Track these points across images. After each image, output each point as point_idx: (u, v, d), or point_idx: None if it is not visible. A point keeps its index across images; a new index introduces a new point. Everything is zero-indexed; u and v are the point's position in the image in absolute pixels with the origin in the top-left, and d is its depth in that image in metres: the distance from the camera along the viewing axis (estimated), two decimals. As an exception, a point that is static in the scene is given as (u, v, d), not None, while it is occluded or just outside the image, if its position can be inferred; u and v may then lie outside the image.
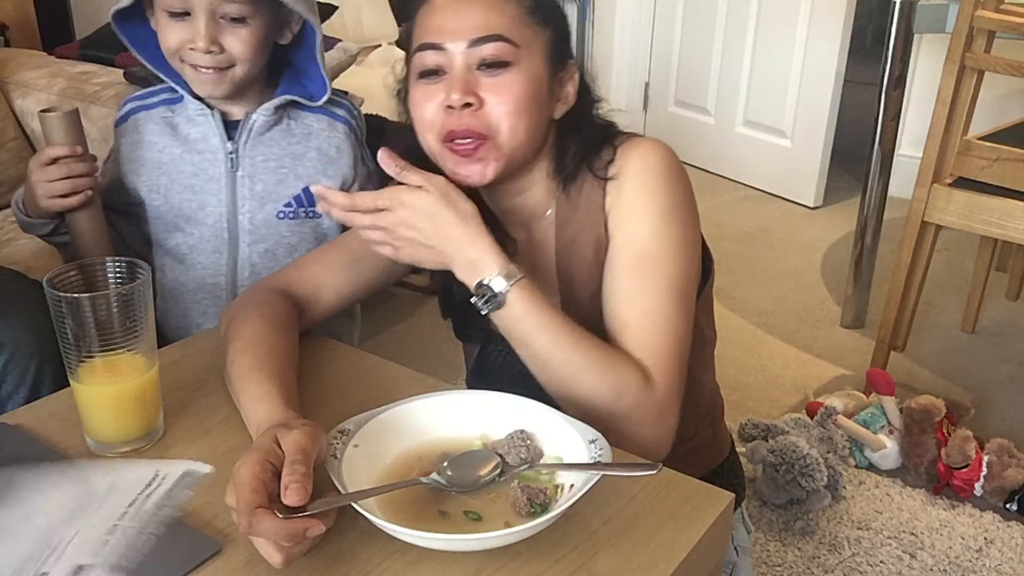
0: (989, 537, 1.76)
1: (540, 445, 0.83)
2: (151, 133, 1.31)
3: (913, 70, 3.05)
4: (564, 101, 1.02)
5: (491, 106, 0.95)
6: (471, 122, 0.94)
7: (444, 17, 0.96)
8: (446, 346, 2.48)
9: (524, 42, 0.96)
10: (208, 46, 1.18)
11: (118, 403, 0.86)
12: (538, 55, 0.98)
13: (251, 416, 0.86)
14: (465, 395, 0.88)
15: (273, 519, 0.69)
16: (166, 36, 1.21)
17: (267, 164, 1.29)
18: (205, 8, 1.17)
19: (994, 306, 2.72)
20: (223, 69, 1.21)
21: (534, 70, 0.97)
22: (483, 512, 0.76)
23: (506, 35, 0.95)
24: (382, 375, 1.01)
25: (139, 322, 0.84)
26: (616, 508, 0.78)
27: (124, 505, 0.76)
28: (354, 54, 2.32)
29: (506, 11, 0.96)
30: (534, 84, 0.96)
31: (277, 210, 1.30)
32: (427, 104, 0.97)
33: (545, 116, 1.00)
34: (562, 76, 1.01)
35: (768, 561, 1.69)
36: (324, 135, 1.31)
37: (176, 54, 1.21)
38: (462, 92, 0.94)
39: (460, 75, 0.95)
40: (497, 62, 0.95)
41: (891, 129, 2.42)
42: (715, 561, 0.83)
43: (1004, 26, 1.96)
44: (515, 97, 0.95)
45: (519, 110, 0.95)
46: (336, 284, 1.08)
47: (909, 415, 1.95)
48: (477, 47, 0.94)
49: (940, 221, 2.10)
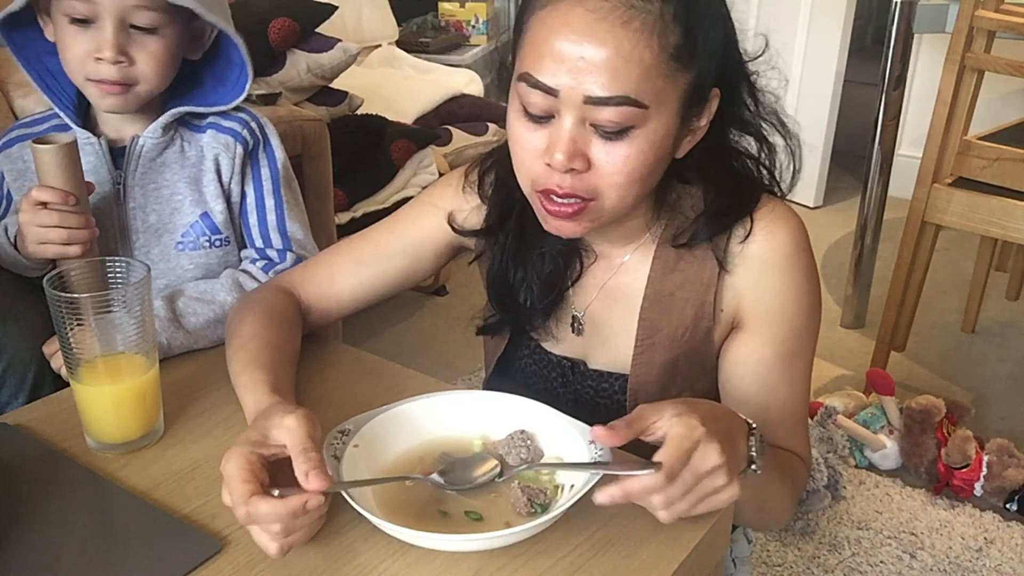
0: (989, 537, 1.76)
1: (540, 445, 0.83)
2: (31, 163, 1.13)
3: (913, 70, 3.05)
4: (693, 137, 0.87)
5: (600, 173, 0.81)
6: (574, 184, 0.81)
7: (563, 49, 0.77)
8: (446, 346, 2.48)
9: (655, 98, 0.78)
10: (116, 56, 1.05)
11: (118, 403, 0.86)
12: (671, 106, 0.80)
13: (245, 408, 0.86)
14: (465, 395, 0.88)
15: (269, 501, 0.69)
16: (68, 46, 1.07)
17: (159, 192, 1.16)
18: (114, 14, 1.04)
19: (994, 306, 2.72)
20: (128, 86, 1.08)
21: (661, 131, 0.81)
22: (484, 512, 0.76)
23: (633, 96, 0.77)
24: (382, 375, 1.01)
25: (139, 322, 0.84)
26: (616, 508, 0.78)
27: None
28: (354, 54, 2.31)
29: (643, 59, 0.76)
30: (656, 149, 0.81)
31: (175, 242, 1.16)
32: (525, 148, 0.83)
33: (663, 166, 0.86)
34: (699, 113, 0.85)
35: (768, 561, 1.69)
36: (210, 152, 1.17)
37: (79, 68, 1.08)
38: (568, 155, 0.79)
39: (569, 132, 0.79)
40: (614, 130, 0.79)
41: (891, 129, 2.42)
42: (715, 562, 0.83)
43: (1004, 26, 1.96)
44: (631, 168, 0.81)
45: (632, 181, 0.82)
46: (345, 286, 1.05)
47: (909, 415, 1.95)
48: (595, 107, 0.78)
49: (940, 221, 2.10)
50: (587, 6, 0.76)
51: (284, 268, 1.16)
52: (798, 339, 0.92)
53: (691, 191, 0.93)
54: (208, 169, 1.17)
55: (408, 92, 2.83)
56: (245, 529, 0.76)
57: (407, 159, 2.45)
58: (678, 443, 0.70)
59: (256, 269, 1.16)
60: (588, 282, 0.98)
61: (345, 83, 2.36)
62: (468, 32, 3.73)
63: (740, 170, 0.93)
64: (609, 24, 0.76)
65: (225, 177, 1.18)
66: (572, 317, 0.99)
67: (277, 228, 1.20)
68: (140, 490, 0.82)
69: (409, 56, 3.30)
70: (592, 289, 0.98)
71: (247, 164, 1.19)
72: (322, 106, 2.30)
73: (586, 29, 0.76)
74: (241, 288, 1.12)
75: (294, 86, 2.22)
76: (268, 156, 1.21)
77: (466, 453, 0.83)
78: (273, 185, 1.21)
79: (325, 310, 1.06)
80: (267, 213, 1.20)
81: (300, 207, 1.25)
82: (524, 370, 1.05)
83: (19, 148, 1.19)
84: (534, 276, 0.97)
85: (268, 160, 1.21)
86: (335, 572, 0.72)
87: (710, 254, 0.91)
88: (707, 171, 0.91)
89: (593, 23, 0.76)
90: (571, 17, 0.77)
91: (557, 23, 0.77)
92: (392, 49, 3.30)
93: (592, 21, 0.76)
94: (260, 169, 1.20)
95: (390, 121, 2.46)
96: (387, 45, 3.30)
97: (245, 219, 1.20)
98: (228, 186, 1.19)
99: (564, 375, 1.01)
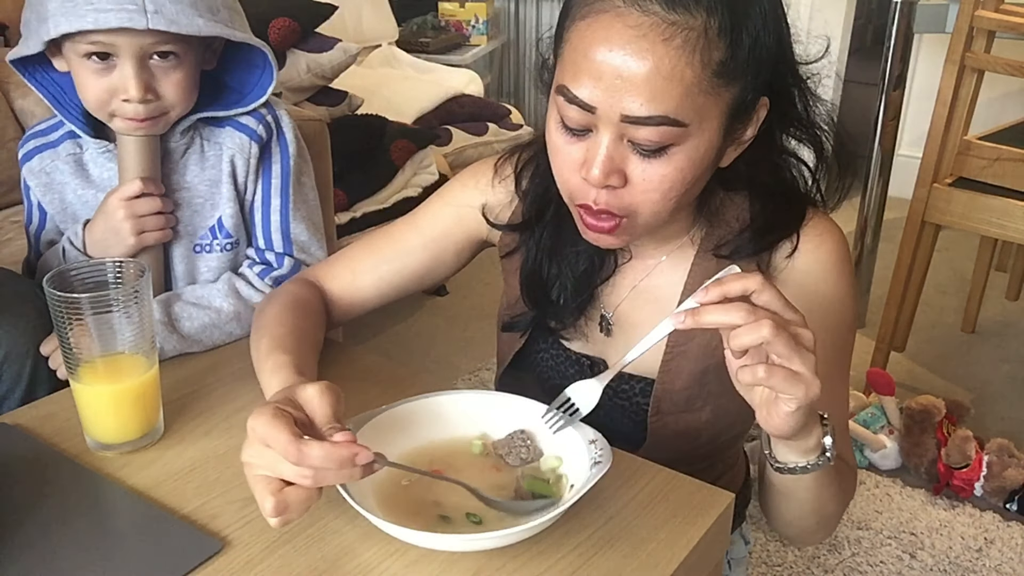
0: (989, 537, 1.76)
1: (540, 445, 0.83)
2: (60, 173, 1.16)
3: (913, 70, 3.05)
4: (738, 147, 0.84)
5: (636, 189, 0.79)
6: (610, 200, 0.80)
7: (602, 65, 0.75)
8: (446, 346, 2.48)
9: (696, 116, 0.76)
10: (143, 96, 1.02)
11: (118, 403, 0.86)
12: (713, 122, 0.78)
13: (269, 392, 0.84)
14: (465, 395, 0.88)
15: (324, 444, 0.67)
16: (87, 87, 1.04)
17: (180, 195, 1.14)
18: (133, 51, 1.01)
19: (994, 306, 2.72)
20: (156, 117, 1.06)
21: (702, 148, 0.78)
22: (484, 515, 0.76)
23: (673, 115, 0.74)
24: (382, 375, 1.01)
25: (138, 322, 0.84)
26: (616, 508, 0.78)
27: None
28: (354, 54, 2.32)
29: (684, 77, 0.74)
30: (696, 166, 0.79)
31: (194, 244, 1.16)
32: (563, 160, 0.82)
33: (704, 179, 0.83)
34: (745, 124, 0.82)
35: (768, 561, 1.69)
36: (227, 153, 1.15)
37: (102, 106, 1.05)
38: (604, 172, 0.77)
39: (606, 149, 0.77)
40: (653, 148, 0.77)
41: (891, 129, 2.42)
42: (715, 561, 0.83)
43: (1004, 26, 1.96)
44: (668, 187, 0.79)
45: (669, 198, 0.80)
46: (366, 282, 1.04)
47: (909, 415, 1.95)
48: (632, 125, 0.75)
49: (940, 221, 2.10)
50: (627, 20, 0.74)
51: (282, 274, 1.15)
52: (840, 350, 0.91)
53: (736, 199, 0.90)
54: (224, 171, 1.15)
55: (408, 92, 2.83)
56: (245, 529, 0.77)
57: (407, 159, 2.45)
58: (784, 303, 0.69)
59: (253, 274, 1.14)
60: (620, 281, 0.97)
61: (345, 83, 2.37)
62: (468, 32, 3.74)
63: (789, 181, 0.90)
64: (649, 42, 0.73)
65: (240, 177, 1.16)
66: (601, 316, 0.98)
67: (280, 229, 1.18)
68: (140, 490, 0.82)
69: (409, 56, 3.30)
70: (624, 289, 0.97)
71: (260, 160, 1.18)
72: (322, 106, 2.30)
73: (625, 45, 0.73)
74: (238, 294, 1.11)
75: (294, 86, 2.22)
76: (281, 149, 1.19)
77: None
78: (282, 182, 1.18)
79: (348, 305, 1.05)
80: (271, 212, 1.18)
81: (309, 204, 1.22)
82: (541, 364, 1.03)
83: (39, 161, 1.17)
84: (568, 273, 0.96)
85: (280, 154, 1.19)
86: (335, 572, 0.72)
87: (753, 266, 0.88)
88: (754, 181, 0.89)
89: (633, 39, 0.73)
90: (611, 32, 0.74)
91: (597, 37, 0.75)
92: (392, 49, 3.31)
93: (632, 37, 0.73)
94: (271, 165, 1.18)
95: (390, 121, 2.46)
96: (387, 45, 3.30)
97: (252, 216, 1.19)
98: (243, 185, 1.17)
99: (583, 372, 0.99)
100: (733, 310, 0.68)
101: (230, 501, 0.80)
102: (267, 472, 0.69)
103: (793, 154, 0.91)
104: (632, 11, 0.74)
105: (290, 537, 0.76)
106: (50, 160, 1.17)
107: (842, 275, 0.89)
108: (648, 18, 0.73)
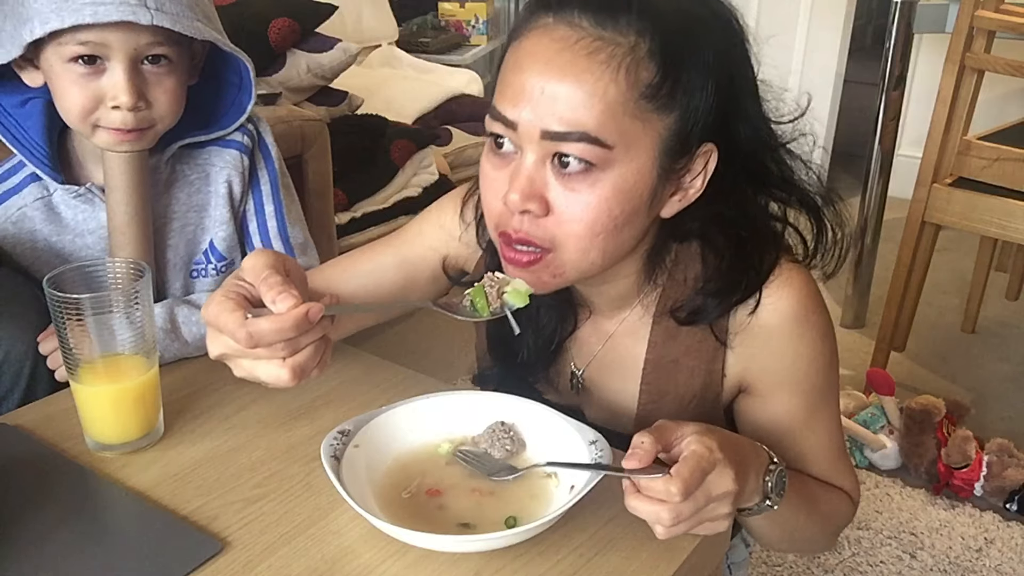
0: (989, 537, 1.76)
1: (522, 435, 0.83)
2: (29, 222, 1.09)
3: (913, 70, 3.05)
4: (683, 196, 0.79)
5: (558, 219, 0.74)
6: (531, 230, 0.75)
7: (525, 80, 0.72)
8: (446, 346, 2.48)
9: (622, 140, 0.72)
10: (135, 102, 0.96)
11: (118, 403, 0.86)
12: (645, 152, 0.73)
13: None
14: (465, 395, 0.88)
15: (270, 317, 0.67)
16: (69, 95, 0.97)
17: (173, 224, 1.11)
18: (127, 51, 0.95)
19: (994, 306, 2.72)
20: (145, 129, 1.00)
21: (630, 178, 0.73)
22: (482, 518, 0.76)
23: (594, 133, 0.71)
24: (382, 375, 1.01)
25: (139, 322, 0.84)
26: (617, 509, 0.78)
27: None
28: (354, 54, 2.31)
29: (607, 93, 0.70)
30: (624, 200, 0.74)
31: (189, 270, 1.13)
32: (489, 185, 0.78)
33: (640, 225, 0.78)
34: (685, 168, 0.77)
35: (768, 561, 1.69)
36: (221, 174, 1.12)
37: (84, 116, 0.98)
38: (523, 196, 0.73)
39: (527, 170, 0.73)
40: (573, 170, 0.73)
41: (891, 129, 2.42)
42: (714, 564, 0.83)
43: (1004, 26, 1.96)
44: (592, 217, 0.74)
45: (594, 233, 0.74)
46: (353, 291, 0.98)
47: (909, 415, 1.95)
48: (553, 143, 0.72)
49: (940, 221, 2.10)
50: (554, 35, 0.72)
51: None
52: (820, 393, 0.88)
53: (690, 254, 0.85)
54: (216, 192, 1.12)
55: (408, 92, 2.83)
56: (245, 530, 0.77)
57: (407, 159, 2.45)
58: (696, 462, 0.68)
59: None
60: (588, 338, 0.94)
61: (345, 83, 2.36)
62: (468, 32, 3.73)
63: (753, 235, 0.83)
64: (572, 55, 0.70)
65: (236, 196, 1.13)
66: (572, 373, 0.96)
67: (279, 235, 1.16)
68: (140, 490, 0.82)
69: (409, 56, 3.30)
70: (592, 346, 0.94)
71: (250, 171, 1.15)
72: (322, 106, 2.30)
73: (549, 59, 0.71)
74: None
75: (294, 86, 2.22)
76: (264, 155, 1.16)
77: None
78: (272, 188, 1.16)
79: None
80: (267, 219, 1.16)
81: (297, 205, 1.21)
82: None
83: (3, 210, 1.08)
84: (530, 330, 0.92)
85: (265, 160, 1.16)
86: (335, 573, 0.72)
87: (710, 329, 0.85)
88: (709, 238, 0.83)
89: (556, 53, 0.71)
90: (538, 47, 0.72)
91: (523, 54, 0.73)
92: (392, 49, 3.30)
93: (556, 51, 0.71)
94: (259, 172, 1.15)
95: (390, 121, 2.45)
96: (387, 45, 3.30)
97: (246, 226, 1.16)
98: (238, 205, 1.14)
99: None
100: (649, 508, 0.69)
101: (230, 502, 0.80)
102: (242, 357, 0.70)
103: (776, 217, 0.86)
104: (560, 26, 0.72)
105: (290, 538, 0.76)
106: (16, 209, 1.08)
107: (807, 323, 0.84)
108: (575, 32, 0.71)
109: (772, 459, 0.79)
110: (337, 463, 0.76)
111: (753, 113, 0.80)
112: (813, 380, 0.87)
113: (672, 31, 0.72)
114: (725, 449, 0.71)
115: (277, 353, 0.70)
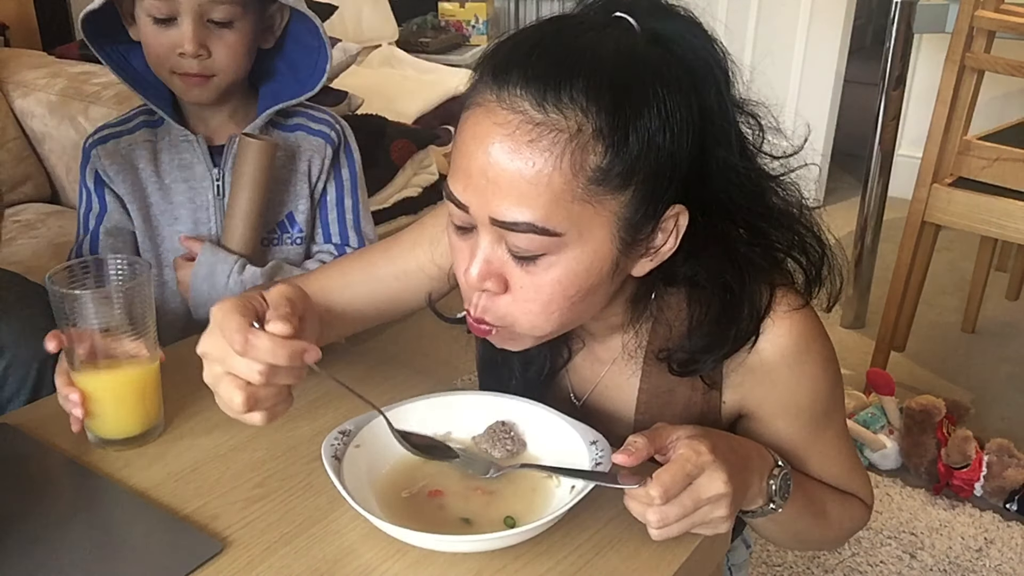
0: (989, 537, 1.76)
1: (522, 435, 0.83)
2: (136, 156, 1.24)
3: (913, 70, 3.05)
4: (654, 256, 0.75)
5: (515, 297, 0.73)
6: (487, 307, 0.74)
7: (471, 162, 0.69)
8: (446, 346, 2.48)
9: (572, 226, 0.68)
10: (196, 50, 1.13)
11: (119, 395, 0.86)
12: (600, 232, 0.70)
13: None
14: (465, 396, 0.88)
15: (270, 336, 0.68)
16: (151, 44, 1.15)
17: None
18: (192, 11, 1.12)
19: (994, 306, 2.72)
20: (208, 76, 1.16)
21: (586, 259, 0.71)
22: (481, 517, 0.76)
23: (541, 224, 0.68)
24: (382, 375, 1.01)
25: (140, 318, 0.84)
26: (617, 510, 0.78)
27: None
28: (354, 54, 2.32)
29: (552, 182, 0.67)
30: (581, 278, 0.72)
31: (262, 237, 1.23)
32: (455, 255, 0.77)
33: (603, 292, 0.75)
34: (652, 233, 0.73)
35: (768, 561, 1.69)
36: (305, 154, 1.26)
37: (164, 63, 1.16)
38: (480, 276, 0.72)
39: (483, 251, 0.72)
40: (526, 255, 0.71)
41: (891, 129, 2.42)
42: (715, 564, 0.83)
43: (1004, 26, 1.96)
44: (546, 299, 0.72)
45: (550, 311, 0.73)
46: (336, 302, 0.95)
47: (909, 415, 1.95)
48: (501, 230, 0.70)
49: (940, 221, 2.10)
50: (496, 118, 0.67)
51: None
52: (824, 414, 0.87)
53: (679, 298, 0.82)
54: (298, 170, 1.25)
55: (408, 92, 2.83)
56: (246, 530, 0.77)
57: (407, 159, 2.45)
58: (679, 465, 0.70)
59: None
60: (584, 366, 0.92)
61: (345, 83, 2.36)
62: (468, 32, 3.74)
63: (740, 281, 0.78)
64: (514, 142, 0.66)
65: (314, 178, 1.26)
66: (570, 401, 0.95)
67: (354, 226, 1.29)
68: (140, 490, 0.82)
69: (409, 56, 3.30)
70: (588, 374, 0.92)
71: (332, 164, 1.27)
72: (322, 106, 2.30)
73: (491, 145, 0.67)
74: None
75: (294, 86, 2.22)
76: (348, 157, 1.30)
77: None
78: (352, 185, 1.29)
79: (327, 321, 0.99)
80: (346, 212, 1.29)
81: (368, 207, 1.34)
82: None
83: (114, 144, 1.23)
84: (517, 363, 0.92)
85: (348, 161, 1.29)
86: (336, 573, 0.72)
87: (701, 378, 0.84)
88: (696, 283, 0.80)
89: (498, 139, 0.67)
90: (479, 129, 0.69)
91: (468, 132, 0.70)
92: (392, 49, 3.30)
93: (499, 137, 0.67)
94: (341, 169, 1.28)
95: (390, 121, 2.45)
96: (387, 45, 3.30)
97: (324, 215, 1.28)
98: (315, 185, 1.26)
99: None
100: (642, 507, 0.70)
101: (231, 502, 0.80)
102: (219, 364, 0.70)
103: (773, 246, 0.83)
104: (500, 108, 0.68)
105: (291, 538, 0.76)
106: (127, 144, 1.24)
107: (807, 355, 0.82)
108: (516, 116, 0.67)
109: (777, 462, 0.79)
110: (338, 463, 0.76)
111: (730, 163, 0.75)
112: (815, 407, 0.86)
113: (621, 106, 0.67)
114: (719, 452, 0.71)
115: (252, 374, 0.70)
